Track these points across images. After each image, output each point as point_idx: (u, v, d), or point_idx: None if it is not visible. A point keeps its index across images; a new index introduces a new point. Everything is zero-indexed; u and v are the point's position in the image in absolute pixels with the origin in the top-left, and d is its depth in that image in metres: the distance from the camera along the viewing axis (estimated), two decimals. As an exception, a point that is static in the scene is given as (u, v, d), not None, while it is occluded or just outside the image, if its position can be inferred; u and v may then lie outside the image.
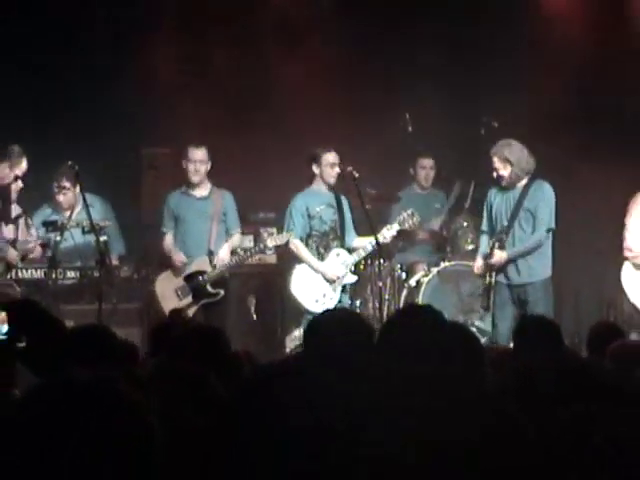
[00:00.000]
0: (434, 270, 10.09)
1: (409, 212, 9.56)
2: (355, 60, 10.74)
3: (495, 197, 9.09)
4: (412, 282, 10.08)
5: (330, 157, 9.29)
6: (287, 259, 9.69)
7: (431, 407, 2.12)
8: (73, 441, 2.01)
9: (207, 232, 9.38)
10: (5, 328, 5.08)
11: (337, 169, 9.30)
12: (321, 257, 9.46)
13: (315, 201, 9.40)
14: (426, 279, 10.05)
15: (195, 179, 9.35)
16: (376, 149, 10.16)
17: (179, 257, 9.34)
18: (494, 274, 8.90)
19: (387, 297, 9.85)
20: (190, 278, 9.30)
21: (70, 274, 9.56)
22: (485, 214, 9.21)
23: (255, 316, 10.12)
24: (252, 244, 9.84)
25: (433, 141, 10.55)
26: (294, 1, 10.86)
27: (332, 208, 9.45)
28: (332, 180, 9.34)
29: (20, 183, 8.92)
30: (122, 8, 10.62)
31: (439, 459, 2.05)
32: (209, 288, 9.30)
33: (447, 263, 10.11)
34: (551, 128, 10.14)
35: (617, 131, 10.49)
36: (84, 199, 8.94)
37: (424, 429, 2.08)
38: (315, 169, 9.34)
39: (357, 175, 9.04)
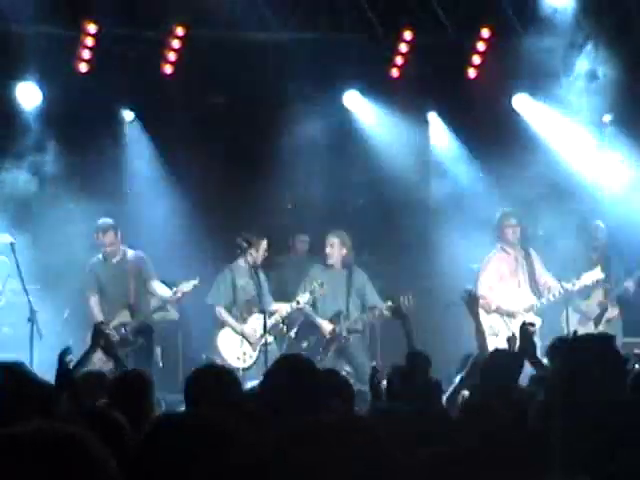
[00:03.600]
0: (311, 325, 11.45)
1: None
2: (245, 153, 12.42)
3: (321, 275, 10.81)
4: (292, 334, 11.33)
5: (265, 244, 10.75)
6: (187, 316, 11.42)
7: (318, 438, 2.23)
8: None
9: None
10: None
11: (266, 253, 10.77)
12: (244, 320, 10.80)
13: (240, 275, 10.75)
14: (305, 332, 11.36)
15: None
16: (265, 224, 11.60)
17: None
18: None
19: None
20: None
21: (4, 329, 10.93)
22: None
23: (161, 363, 11.34)
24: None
25: (309, 216, 12.33)
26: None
27: (252, 280, 10.72)
28: (260, 261, 10.75)
29: None
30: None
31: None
32: (131, 337, 10.51)
33: (321, 320, 11.50)
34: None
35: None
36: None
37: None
38: (253, 251, 10.63)
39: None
